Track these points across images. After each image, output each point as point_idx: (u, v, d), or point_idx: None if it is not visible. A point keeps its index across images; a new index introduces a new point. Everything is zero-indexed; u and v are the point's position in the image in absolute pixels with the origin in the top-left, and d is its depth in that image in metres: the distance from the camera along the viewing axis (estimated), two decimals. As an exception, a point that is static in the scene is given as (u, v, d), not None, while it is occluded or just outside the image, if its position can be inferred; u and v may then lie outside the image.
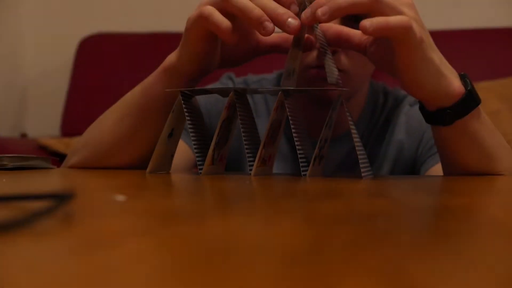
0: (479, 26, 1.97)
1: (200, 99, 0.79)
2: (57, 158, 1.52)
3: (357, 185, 0.55)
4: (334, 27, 0.68)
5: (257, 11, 0.62)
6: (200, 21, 0.65)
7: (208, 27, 0.65)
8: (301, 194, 0.48)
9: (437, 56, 0.64)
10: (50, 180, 0.61)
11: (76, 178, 0.64)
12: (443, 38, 1.90)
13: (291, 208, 0.37)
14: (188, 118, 0.68)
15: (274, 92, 0.71)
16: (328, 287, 0.16)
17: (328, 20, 0.60)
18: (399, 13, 0.60)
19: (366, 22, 0.58)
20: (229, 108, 0.68)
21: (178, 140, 0.73)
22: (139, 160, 0.77)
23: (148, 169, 0.69)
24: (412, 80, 0.64)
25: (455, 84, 0.65)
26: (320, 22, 0.62)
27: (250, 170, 0.66)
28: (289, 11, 0.63)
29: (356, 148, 0.66)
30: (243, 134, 0.67)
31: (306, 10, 0.62)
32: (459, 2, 2.10)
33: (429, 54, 0.62)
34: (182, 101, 0.68)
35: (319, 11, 0.60)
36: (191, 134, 0.69)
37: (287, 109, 0.66)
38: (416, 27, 0.60)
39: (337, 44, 0.68)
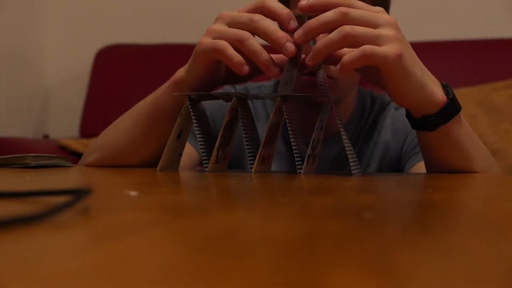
0: (457, 38, 1.97)
1: (205, 104, 0.79)
2: (76, 157, 1.52)
3: (347, 182, 0.55)
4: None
5: (265, 55, 0.63)
6: (212, 52, 0.65)
7: (220, 58, 0.65)
8: (296, 190, 0.48)
9: (419, 69, 0.64)
10: (69, 177, 0.61)
11: (93, 176, 0.64)
12: (425, 49, 1.90)
13: (287, 202, 0.37)
14: (194, 121, 0.68)
15: (273, 97, 0.71)
16: (320, 275, 0.16)
17: (303, 41, 0.62)
18: (372, 25, 0.60)
19: (345, 59, 0.60)
20: (232, 112, 0.68)
21: (186, 141, 0.73)
22: (149, 161, 0.77)
23: (158, 167, 0.69)
24: (397, 92, 0.65)
25: (438, 93, 0.65)
26: (301, 43, 0.63)
27: (251, 168, 0.66)
28: (287, 36, 0.63)
29: (346, 148, 0.66)
30: (244, 135, 0.67)
31: (298, 31, 0.63)
32: (436, 15, 2.10)
33: (411, 68, 0.62)
34: (189, 106, 0.68)
35: (295, 35, 0.62)
36: (197, 135, 0.69)
37: (285, 113, 0.66)
38: (404, 50, 0.61)
39: (329, 62, 0.68)
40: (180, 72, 0.73)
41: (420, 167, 0.88)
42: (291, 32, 0.64)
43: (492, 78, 1.82)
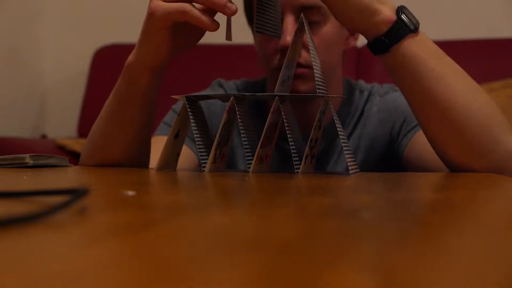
0: (454, 38, 1.98)
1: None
2: (74, 157, 1.52)
3: (345, 182, 0.55)
4: None
5: None
6: (175, 14, 0.64)
7: (187, 19, 0.65)
8: (294, 189, 0.48)
9: None
10: (67, 177, 0.61)
11: (91, 175, 0.64)
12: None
13: (285, 202, 0.37)
14: (192, 121, 0.68)
15: (271, 97, 0.71)
16: (317, 274, 0.16)
17: None
18: None
19: None
20: (230, 112, 0.68)
21: (183, 141, 0.73)
22: (129, 152, 0.77)
23: (156, 167, 0.69)
24: (340, 14, 0.66)
25: (385, 13, 0.65)
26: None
27: (249, 167, 0.66)
28: None
29: (343, 147, 0.66)
30: (242, 135, 0.67)
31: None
32: (433, 16, 2.10)
33: None
34: (188, 106, 0.68)
35: None
36: (195, 135, 0.69)
37: (283, 113, 0.66)
38: None
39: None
40: (129, 58, 0.72)
41: (417, 137, 0.85)
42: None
43: (489, 78, 1.82)
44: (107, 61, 2.20)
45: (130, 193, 0.38)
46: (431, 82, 0.67)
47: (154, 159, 0.82)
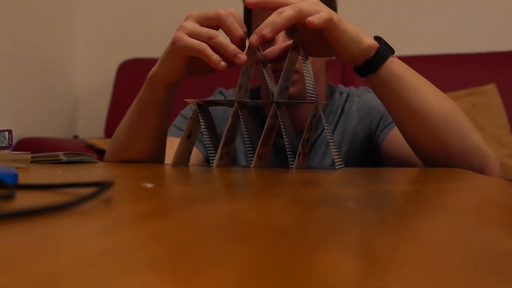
0: (424, 53, 1.98)
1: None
2: (101, 154, 1.52)
3: (333, 175, 0.55)
4: (279, 47, 0.70)
5: (232, 47, 0.64)
6: (191, 49, 0.65)
7: (199, 56, 0.65)
8: (289, 182, 0.48)
9: (352, 25, 0.66)
10: (94, 172, 0.61)
11: (115, 170, 0.64)
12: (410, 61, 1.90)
13: (281, 193, 0.37)
14: (202, 123, 0.68)
15: (268, 104, 0.71)
16: (308, 257, 0.16)
17: (273, 36, 0.62)
18: (318, 10, 0.63)
19: (312, 19, 0.61)
20: (234, 116, 0.67)
21: (195, 141, 0.73)
22: (145, 153, 0.77)
23: (171, 163, 0.69)
24: (340, 46, 0.66)
25: (371, 41, 0.67)
26: (266, 40, 0.63)
27: (250, 163, 0.66)
28: (237, 48, 0.64)
29: (330, 145, 0.66)
30: (245, 135, 0.67)
31: (252, 36, 0.63)
32: (407, 33, 2.10)
33: (344, 25, 0.65)
34: (198, 110, 0.68)
35: (265, 31, 0.62)
36: (204, 136, 0.68)
37: (279, 117, 0.66)
38: (332, 15, 0.63)
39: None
40: (153, 69, 0.73)
41: (393, 133, 0.86)
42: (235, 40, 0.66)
43: (455, 88, 1.82)
44: (130, 73, 2.20)
45: (149, 185, 0.38)
46: (411, 94, 0.68)
47: (167, 156, 0.82)
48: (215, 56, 0.64)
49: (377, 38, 0.69)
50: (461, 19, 2.09)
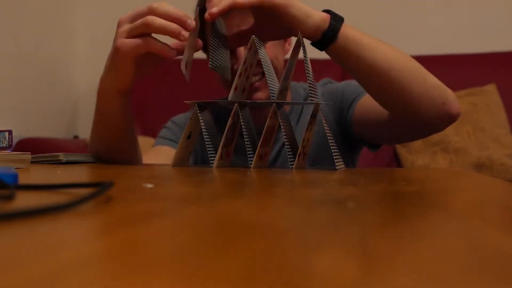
0: (425, 54, 1.98)
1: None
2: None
3: (332, 176, 0.55)
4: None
5: (174, 25, 0.63)
6: (138, 47, 0.65)
7: (149, 49, 0.65)
8: (288, 182, 0.48)
9: (301, 4, 0.68)
10: (94, 172, 0.61)
11: (115, 170, 0.63)
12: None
13: (281, 193, 0.37)
14: (202, 123, 0.68)
15: (269, 104, 0.71)
16: (308, 256, 0.16)
17: (223, 11, 0.64)
18: None
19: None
20: (234, 116, 0.67)
21: (195, 140, 0.73)
22: (117, 158, 0.76)
23: (171, 163, 0.69)
24: (295, 23, 0.67)
25: (322, 14, 0.70)
26: (215, 16, 0.64)
27: (250, 163, 0.66)
28: (187, 14, 0.65)
29: (330, 146, 0.66)
30: (245, 135, 0.67)
31: (208, 11, 0.64)
32: (408, 33, 2.10)
33: (293, 2, 0.67)
34: (198, 111, 0.68)
35: (212, 10, 0.64)
36: (204, 136, 0.68)
37: (279, 117, 0.66)
38: None
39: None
40: (101, 81, 0.71)
41: (362, 102, 0.90)
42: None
43: (455, 88, 1.82)
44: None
45: (149, 185, 0.38)
46: (371, 53, 0.72)
47: (156, 161, 0.85)
48: (165, 46, 0.64)
49: (326, 11, 0.71)
50: (461, 20, 2.10)
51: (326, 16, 0.70)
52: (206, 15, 0.65)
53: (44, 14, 2.20)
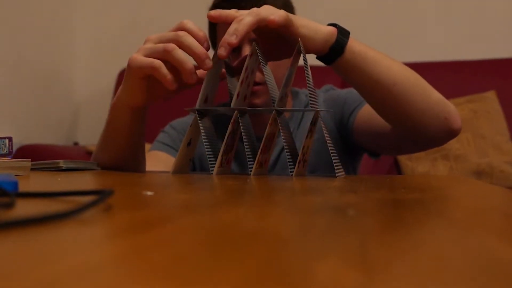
0: (425, 60, 1.98)
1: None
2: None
3: (332, 183, 0.55)
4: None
5: (190, 65, 0.63)
6: (147, 68, 0.64)
7: (154, 74, 0.64)
8: (288, 190, 0.48)
9: (308, 21, 0.68)
10: (95, 179, 0.61)
11: (115, 177, 0.63)
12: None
13: (281, 201, 0.37)
14: (202, 130, 0.68)
15: (268, 111, 0.71)
16: (307, 266, 0.16)
17: (238, 42, 0.63)
18: (273, 12, 0.64)
19: (272, 17, 0.63)
20: (234, 123, 0.67)
21: (195, 148, 0.73)
22: (115, 163, 0.76)
23: (171, 170, 0.69)
24: (305, 42, 0.67)
25: (329, 28, 0.70)
26: (233, 47, 0.63)
27: (250, 171, 0.66)
28: (207, 53, 0.64)
29: (330, 153, 0.66)
30: (245, 142, 0.67)
31: (219, 49, 0.63)
32: (408, 40, 2.10)
33: (302, 21, 0.67)
34: (198, 118, 0.68)
35: (230, 39, 0.62)
36: (204, 143, 0.68)
37: (279, 124, 0.66)
38: (287, 13, 0.65)
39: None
40: (116, 94, 0.72)
41: (363, 111, 0.90)
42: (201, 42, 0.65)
43: (455, 94, 1.83)
44: (130, 80, 2.20)
45: (149, 193, 0.38)
46: (377, 67, 0.72)
47: (151, 167, 0.85)
48: (169, 76, 0.63)
49: (332, 25, 0.71)
50: (461, 27, 2.10)
51: (333, 30, 0.70)
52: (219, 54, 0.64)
53: (44, 21, 2.20)
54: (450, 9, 2.13)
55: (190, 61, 0.63)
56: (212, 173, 0.67)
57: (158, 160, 0.93)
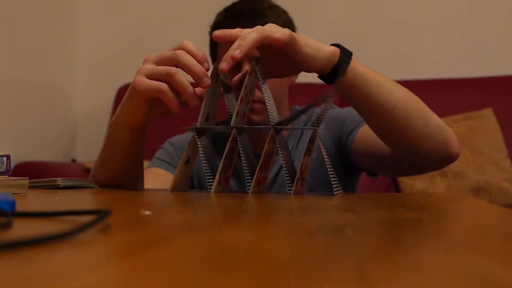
0: (422, 78, 1.99)
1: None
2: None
3: (330, 202, 0.55)
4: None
5: (191, 89, 0.64)
6: (153, 91, 0.65)
7: (161, 98, 0.65)
8: (286, 209, 0.48)
9: (311, 40, 0.68)
10: (93, 197, 0.61)
11: (113, 196, 0.63)
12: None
13: (279, 221, 0.36)
14: (200, 148, 0.68)
15: (267, 129, 0.71)
16: (307, 286, 0.16)
17: (242, 56, 0.63)
18: (278, 30, 0.64)
19: (277, 36, 0.63)
20: (232, 141, 0.68)
21: (193, 166, 0.73)
22: (112, 180, 0.76)
23: (169, 188, 0.69)
24: (305, 59, 0.67)
25: (332, 48, 0.69)
26: (236, 61, 0.63)
27: (248, 189, 0.66)
28: (205, 71, 0.64)
29: (328, 171, 0.66)
30: (243, 161, 0.67)
31: (221, 62, 0.63)
32: (405, 58, 2.12)
33: (305, 40, 0.67)
34: (196, 136, 0.68)
35: (234, 53, 0.62)
36: (202, 161, 0.68)
37: (277, 142, 0.66)
38: (291, 32, 0.65)
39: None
40: (116, 112, 0.72)
41: (362, 131, 0.90)
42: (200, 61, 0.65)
43: (452, 112, 1.83)
44: (129, 97, 2.20)
45: (147, 212, 0.38)
46: (378, 90, 0.72)
47: (149, 184, 0.85)
48: (175, 100, 0.64)
49: (335, 45, 0.71)
50: (457, 44, 2.12)
51: (336, 50, 0.70)
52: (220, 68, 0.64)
53: (43, 38, 2.22)
54: (447, 26, 2.14)
55: (191, 86, 0.64)
56: (210, 191, 0.67)
57: (157, 177, 0.93)
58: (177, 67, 0.65)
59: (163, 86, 0.64)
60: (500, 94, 1.91)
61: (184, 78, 0.64)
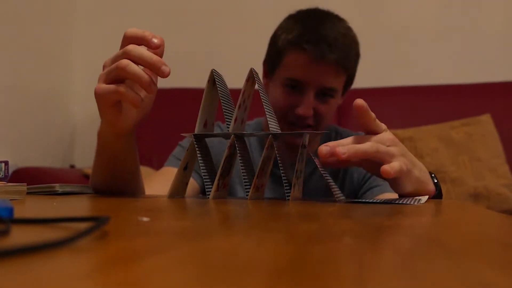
0: (422, 84, 2.00)
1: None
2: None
3: (329, 208, 0.55)
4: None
5: (146, 77, 0.60)
6: (111, 94, 0.62)
7: (119, 98, 0.62)
8: (285, 216, 0.48)
9: (417, 169, 0.67)
10: (91, 204, 0.61)
11: (110, 202, 0.63)
12: (396, 92, 1.92)
13: (277, 228, 0.36)
14: (199, 155, 0.68)
15: (265, 135, 0.71)
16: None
17: (344, 159, 0.62)
18: (391, 156, 0.63)
19: (387, 170, 0.62)
20: (231, 147, 0.68)
21: (191, 172, 0.73)
22: (112, 187, 0.76)
23: (167, 195, 0.69)
24: (399, 187, 0.68)
25: (430, 187, 0.69)
26: (340, 159, 0.62)
27: (247, 195, 0.66)
28: (161, 60, 0.61)
29: (328, 183, 0.66)
30: (241, 167, 0.67)
31: (324, 147, 0.62)
32: (405, 64, 2.12)
33: (412, 176, 0.66)
34: (194, 142, 0.68)
35: (340, 150, 0.61)
36: (201, 167, 0.68)
37: (275, 148, 0.66)
38: (402, 165, 0.63)
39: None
40: (100, 126, 0.71)
41: (382, 195, 0.93)
42: (154, 49, 0.62)
43: (450, 118, 1.84)
44: (127, 102, 2.20)
45: (145, 219, 0.38)
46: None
47: (163, 185, 0.82)
48: (136, 96, 0.61)
49: (435, 184, 0.70)
50: (456, 50, 2.13)
51: (431, 192, 0.70)
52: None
53: (41, 44, 2.22)
54: (445, 33, 2.15)
55: (145, 73, 0.61)
56: (208, 197, 0.67)
57: (172, 177, 0.93)
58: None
59: (120, 87, 0.62)
60: (498, 100, 1.92)
61: (136, 67, 0.61)
